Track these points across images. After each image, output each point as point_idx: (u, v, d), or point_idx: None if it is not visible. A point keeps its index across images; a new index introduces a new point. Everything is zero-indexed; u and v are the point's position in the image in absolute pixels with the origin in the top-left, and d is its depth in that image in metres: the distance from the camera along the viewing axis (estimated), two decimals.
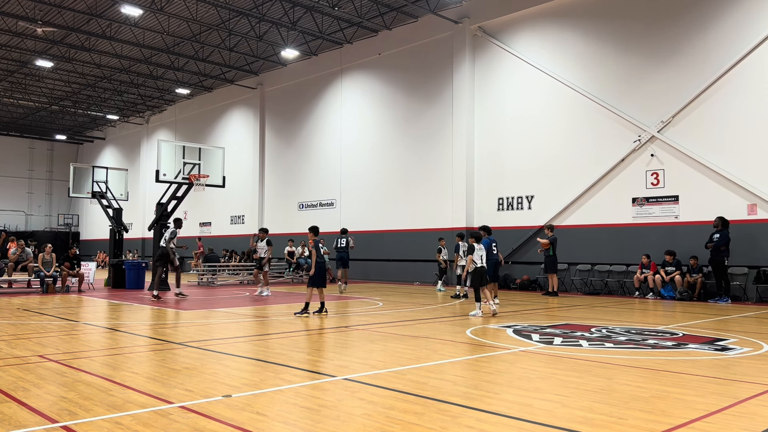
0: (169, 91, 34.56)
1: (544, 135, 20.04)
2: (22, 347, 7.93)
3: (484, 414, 4.74)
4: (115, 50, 28.05)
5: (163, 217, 18.93)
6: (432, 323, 10.76)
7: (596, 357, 7.28)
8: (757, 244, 15.68)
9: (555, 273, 17.21)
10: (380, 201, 24.87)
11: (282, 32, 25.60)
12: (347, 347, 8.25)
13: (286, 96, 29.95)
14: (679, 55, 17.21)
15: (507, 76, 21.19)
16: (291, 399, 5.26)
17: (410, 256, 23.34)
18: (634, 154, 17.92)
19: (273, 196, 30.51)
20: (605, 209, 18.48)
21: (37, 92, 35.40)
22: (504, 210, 20.96)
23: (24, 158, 46.46)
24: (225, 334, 9.59)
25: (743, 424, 4.49)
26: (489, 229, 14.55)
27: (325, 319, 11.33)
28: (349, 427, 4.41)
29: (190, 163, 19.00)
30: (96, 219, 41.71)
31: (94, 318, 11.80)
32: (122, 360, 7.19)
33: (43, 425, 4.43)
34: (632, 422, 4.53)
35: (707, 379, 6.12)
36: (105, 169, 24.07)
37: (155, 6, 22.27)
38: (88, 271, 19.26)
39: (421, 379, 5.99)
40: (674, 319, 11.62)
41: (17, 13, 23.45)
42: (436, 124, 23.00)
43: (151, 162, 32.32)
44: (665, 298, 16.27)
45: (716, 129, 16.43)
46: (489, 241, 14.01)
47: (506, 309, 13.24)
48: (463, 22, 22.04)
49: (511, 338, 8.85)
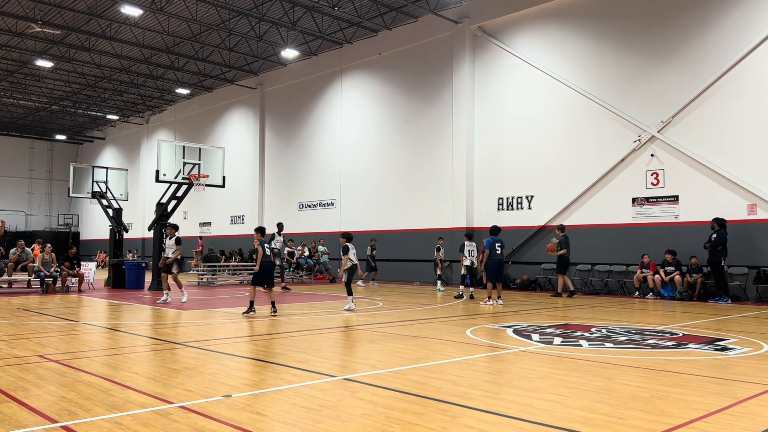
0: (169, 91, 34.56)
1: (544, 135, 20.04)
2: (22, 347, 7.93)
3: (484, 414, 4.74)
4: (115, 50, 28.05)
5: (163, 217, 18.93)
6: (432, 323, 10.76)
7: (596, 357, 7.28)
8: (756, 244, 15.68)
9: (564, 273, 16.86)
10: (380, 201, 24.87)
11: (282, 32, 25.60)
12: (347, 347, 8.26)
13: (286, 96, 29.95)
14: (679, 55, 17.21)
15: (507, 76, 21.19)
16: (291, 399, 5.25)
17: (410, 256, 23.34)
18: (634, 154, 17.92)
19: (273, 196, 30.51)
20: (605, 209, 18.48)
21: (37, 92, 35.40)
22: (504, 210, 20.96)
23: (24, 158, 46.46)
24: (225, 334, 9.59)
25: (743, 424, 4.49)
26: (496, 229, 14.67)
27: (321, 319, 11.33)
28: (349, 427, 4.41)
29: (190, 163, 19.00)
30: (96, 219, 41.71)
31: (94, 318, 11.80)
32: (122, 360, 7.19)
33: (43, 425, 4.43)
34: (632, 422, 4.53)
35: (707, 379, 6.12)
36: (105, 169, 24.07)
37: (155, 6, 22.26)
38: (88, 271, 19.26)
39: (421, 379, 5.99)
40: (674, 319, 11.62)
41: (17, 13, 23.45)
42: (436, 124, 23.00)
43: (151, 162, 32.31)
44: (665, 298, 16.27)
45: (716, 129, 16.43)
46: (491, 240, 14.24)
47: (506, 309, 13.25)
48: (463, 22, 22.04)
49: (511, 338, 8.85)
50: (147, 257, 32.56)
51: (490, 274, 14.35)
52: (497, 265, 14.20)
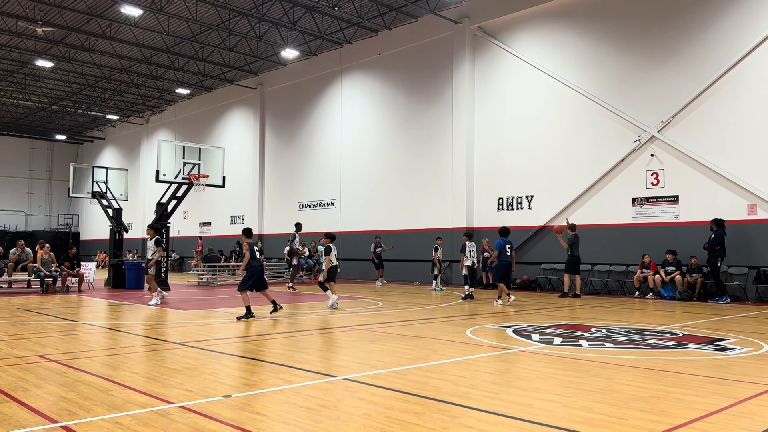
0: (169, 91, 34.55)
1: (544, 135, 20.03)
2: (22, 347, 7.93)
3: (484, 414, 4.74)
4: (115, 50, 28.05)
5: (163, 217, 18.93)
6: (432, 323, 10.76)
7: (596, 357, 7.28)
8: (756, 244, 15.68)
9: (573, 273, 16.51)
10: (380, 201, 24.87)
11: (282, 32, 25.60)
12: (347, 347, 8.25)
13: (286, 96, 29.95)
14: (679, 55, 17.21)
15: (507, 76, 21.19)
16: (291, 399, 5.25)
17: (410, 256, 23.33)
18: (634, 154, 17.92)
19: (273, 196, 30.52)
20: (605, 209, 18.48)
21: (37, 92, 35.40)
22: (504, 210, 20.95)
23: (24, 158, 46.46)
24: (225, 334, 9.58)
25: (743, 424, 4.49)
26: (506, 231, 14.83)
27: (322, 319, 11.32)
28: (349, 427, 4.41)
29: (190, 163, 18.99)
30: (96, 219, 41.70)
31: (94, 318, 11.80)
32: (122, 360, 7.19)
33: (43, 425, 4.43)
34: (632, 422, 4.52)
35: (707, 379, 6.12)
36: (105, 169, 24.07)
37: (155, 6, 22.26)
38: (88, 271, 19.25)
39: (421, 379, 5.99)
40: (674, 319, 11.62)
41: (17, 13, 23.45)
42: (436, 124, 22.99)
43: (151, 162, 32.31)
44: (665, 298, 16.27)
45: (716, 129, 16.43)
46: (502, 242, 14.48)
47: (506, 309, 13.25)
48: (463, 22, 22.04)
49: (511, 338, 8.85)
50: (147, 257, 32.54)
51: (500, 275, 14.55)
52: (507, 267, 14.39)
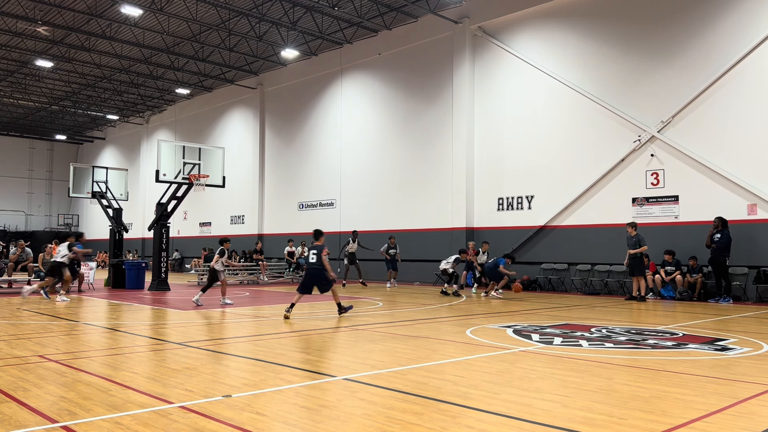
0: (169, 91, 34.55)
1: (544, 135, 20.03)
2: (22, 347, 7.93)
3: (484, 414, 4.74)
4: (115, 50, 28.05)
5: (163, 217, 18.93)
6: (432, 323, 10.76)
7: (596, 357, 7.28)
8: (757, 244, 15.68)
9: (640, 275, 15.74)
10: (380, 201, 24.86)
11: (282, 32, 25.60)
12: (347, 347, 8.25)
13: (286, 96, 29.95)
14: (679, 55, 17.21)
15: (507, 76, 21.19)
16: (291, 399, 5.25)
17: (410, 256, 23.30)
18: (634, 154, 17.92)
19: (273, 196, 30.51)
20: (605, 209, 18.47)
21: (37, 92, 35.40)
22: (504, 210, 20.96)
23: (24, 158, 46.46)
24: (225, 334, 9.59)
25: (743, 424, 4.49)
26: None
27: (321, 319, 11.31)
28: (349, 427, 4.41)
29: (190, 163, 19.00)
30: (96, 219, 41.68)
31: (94, 318, 11.80)
32: (122, 360, 7.19)
33: (43, 425, 4.43)
34: (632, 422, 4.52)
35: (707, 379, 6.12)
36: (105, 169, 24.08)
37: (155, 6, 22.26)
38: (88, 271, 19.25)
39: (421, 379, 5.99)
40: (674, 319, 11.62)
41: (17, 13, 23.45)
42: (435, 124, 22.99)
43: (151, 162, 32.32)
44: (665, 298, 16.27)
45: (716, 129, 16.43)
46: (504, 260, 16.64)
47: (506, 309, 13.25)
48: (463, 22, 22.04)
49: (511, 338, 8.85)
50: (147, 257, 32.54)
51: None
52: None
